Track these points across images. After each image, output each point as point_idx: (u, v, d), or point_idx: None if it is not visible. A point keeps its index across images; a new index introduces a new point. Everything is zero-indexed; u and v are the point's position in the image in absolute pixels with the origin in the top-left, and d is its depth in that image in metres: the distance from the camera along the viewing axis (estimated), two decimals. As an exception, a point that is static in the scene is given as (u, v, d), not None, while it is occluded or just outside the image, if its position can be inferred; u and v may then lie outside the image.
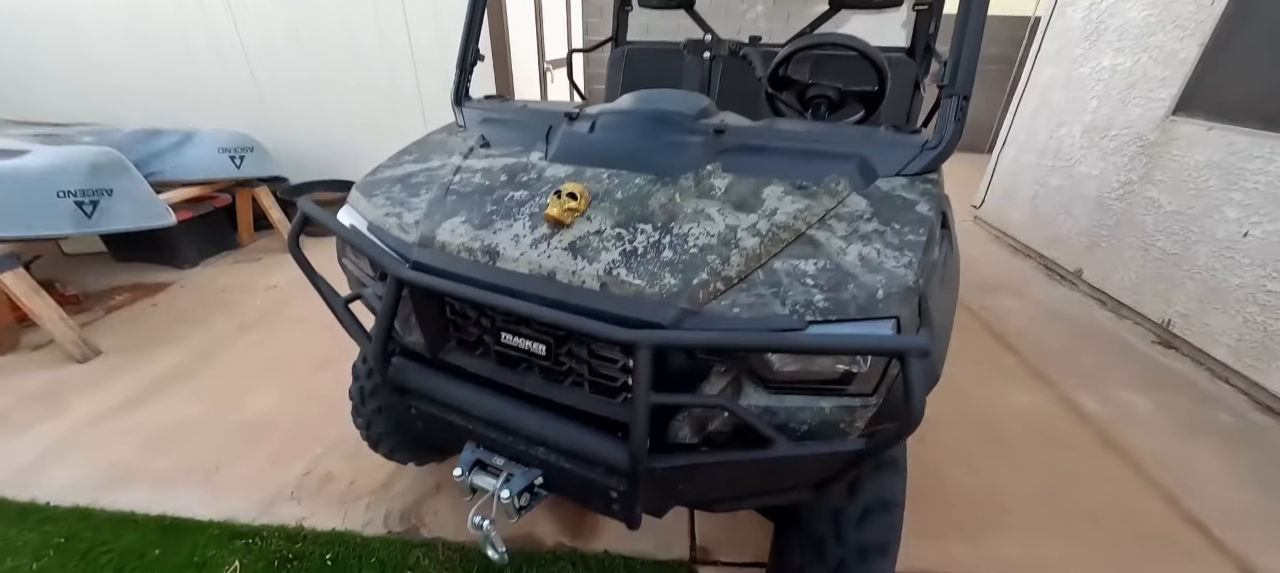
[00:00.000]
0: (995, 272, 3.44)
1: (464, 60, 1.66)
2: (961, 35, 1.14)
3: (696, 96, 1.41)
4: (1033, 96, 3.71)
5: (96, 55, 3.69)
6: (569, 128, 1.33)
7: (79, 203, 2.22)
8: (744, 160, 1.17)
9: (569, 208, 1.01)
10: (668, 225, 0.98)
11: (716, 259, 0.90)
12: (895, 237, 0.94)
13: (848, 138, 1.20)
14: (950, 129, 1.14)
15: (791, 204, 1.02)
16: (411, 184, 1.29)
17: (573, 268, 0.93)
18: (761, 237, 0.94)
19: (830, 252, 0.92)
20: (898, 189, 1.08)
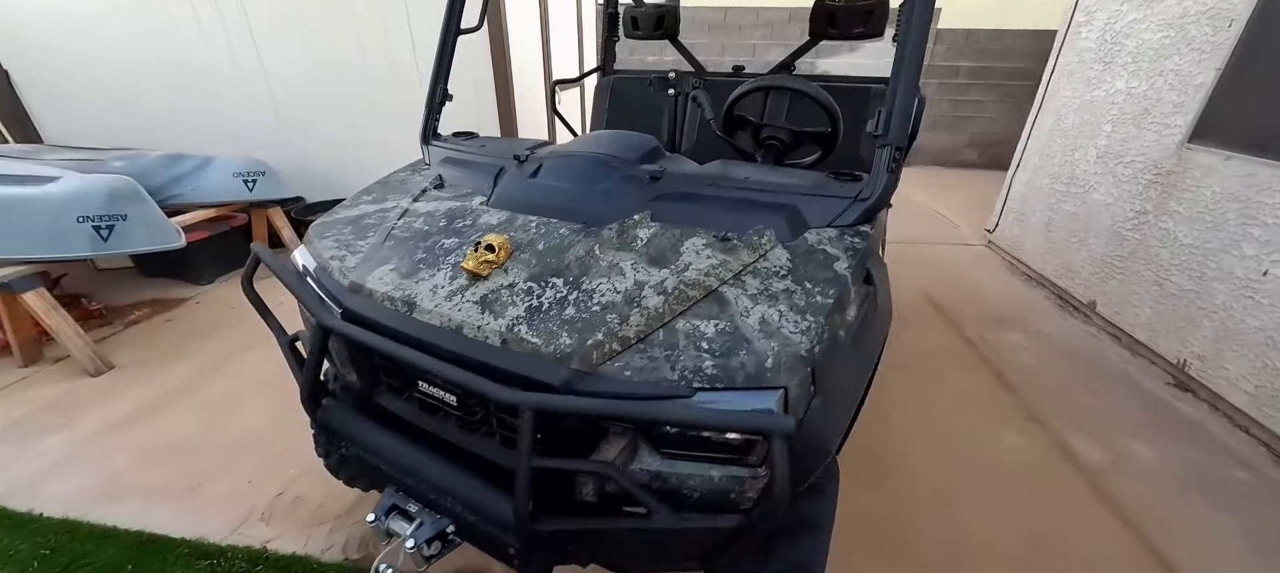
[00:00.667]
0: (1003, 302, 3.30)
1: (432, 99, 1.72)
2: (895, 86, 1.12)
3: (645, 139, 1.42)
4: (1047, 118, 3.56)
5: (134, 83, 3.97)
6: (514, 172, 1.36)
7: (97, 227, 2.39)
8: (676, 209, 1.17)
9: (486, 260, 1.03)
10: (578, 280, 0.99)
11: (616, 318, 0.90)
12: (802, 298, 0.92)
13: (785, 186, 1.19)
14: (882, 181, 1.12)
15: (708, 259, 1.01)
16: (362, 226, 1.34)
17: (479, 322, 0.95)
18: (667, 295, 0.93)
19: (735, 312, 0.91)
20: (823, 243, 1.06)
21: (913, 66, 1.11)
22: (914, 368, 2.58)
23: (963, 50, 6.64)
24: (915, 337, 2.86)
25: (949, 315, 3.10)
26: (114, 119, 4.10)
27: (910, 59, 1.11)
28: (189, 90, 3.93)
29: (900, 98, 1.12)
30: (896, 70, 1.13)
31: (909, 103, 1.12)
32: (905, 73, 1.11)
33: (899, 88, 1.12)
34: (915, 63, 1.11)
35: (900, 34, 1.13)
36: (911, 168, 7.10)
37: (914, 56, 1.11)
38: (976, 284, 3.54)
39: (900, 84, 1.12)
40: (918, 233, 4.51)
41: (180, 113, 4.00)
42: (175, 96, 3.97)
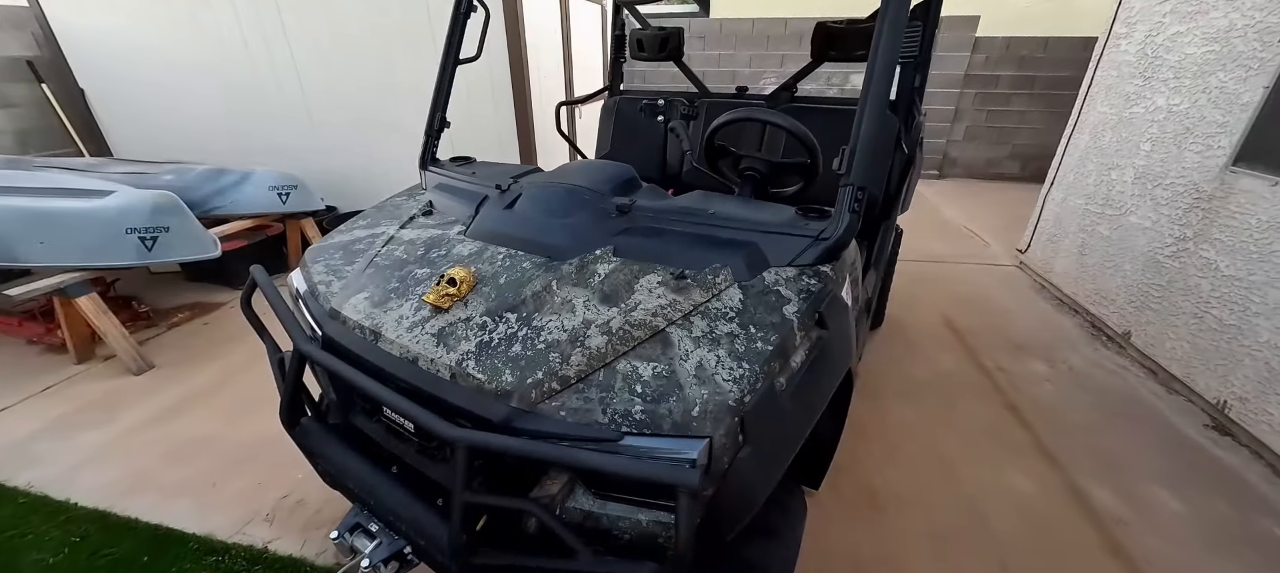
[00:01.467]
0: (1028, 328, 3.13)
1: (430, 126, 1.80)
2: (858, 122, 1.10)
3: (622, 170, 1.44)
4: (1083, 134, 3.37)
5: (191, 101, 4.30)
6: (493, 201, 1.41)
7: (142, 238, 2.60)
8: (640, 243, 1.18)
9: (447, 293, 1.08)
10: (530, 317, 1.02)
11: (558, 357, 0.93)
12: (743, 343, 0.92)
13: (750, 222, 1.18)
14: (844, 222, 1.10)
15: (660, 297, 1.02)
16: (351, 251, 1.42)
17: (433, 355, 0.99)
18: (611, 335, 0.95)
19: (675, 355, 0.92)
20: (779, 283, 1.05)
21: (878, 98, 1.08)
22: (922, 395, 2.49)
23: (1002, 59, 6.36)
24: (925, 362, 2.76)
25: (966, 340, 2.97)
26: (173, 134, 4.45)
27: (876, 90, 1.08)
28: (239, 108, 4.22)
29: (864, 132, 1.09)
30: (861, 103, 1.10)
31: (873, 138, 1.10)
32: (870, 105, 1.09)
33: (863, 121, 1.09)
34: (879, 98, 1.09)
35: (869, 61, 1.11)
36: (944, 181, 6.85)
37: (880, 87, 1.09)
38: (1001, 308, 3.38)
39: (865, 116, 1.09)
40: (942, 251, 4.34)
41: (233, 131, 4.31)
42: (227, 115, 4.28)
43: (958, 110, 6.68)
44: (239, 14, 3.87)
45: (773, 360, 0.89)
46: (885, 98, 1.09)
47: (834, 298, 1.06)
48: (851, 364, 1.21)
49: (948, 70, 6.43)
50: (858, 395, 2.50)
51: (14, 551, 1.69)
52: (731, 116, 1.46)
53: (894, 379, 2.62)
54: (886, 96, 1.09)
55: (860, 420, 2.31)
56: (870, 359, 2.76)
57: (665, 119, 2.32)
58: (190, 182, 3.29)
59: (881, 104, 1.09)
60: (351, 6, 3.68)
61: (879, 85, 1.09)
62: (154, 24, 4.07)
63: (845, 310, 1.11)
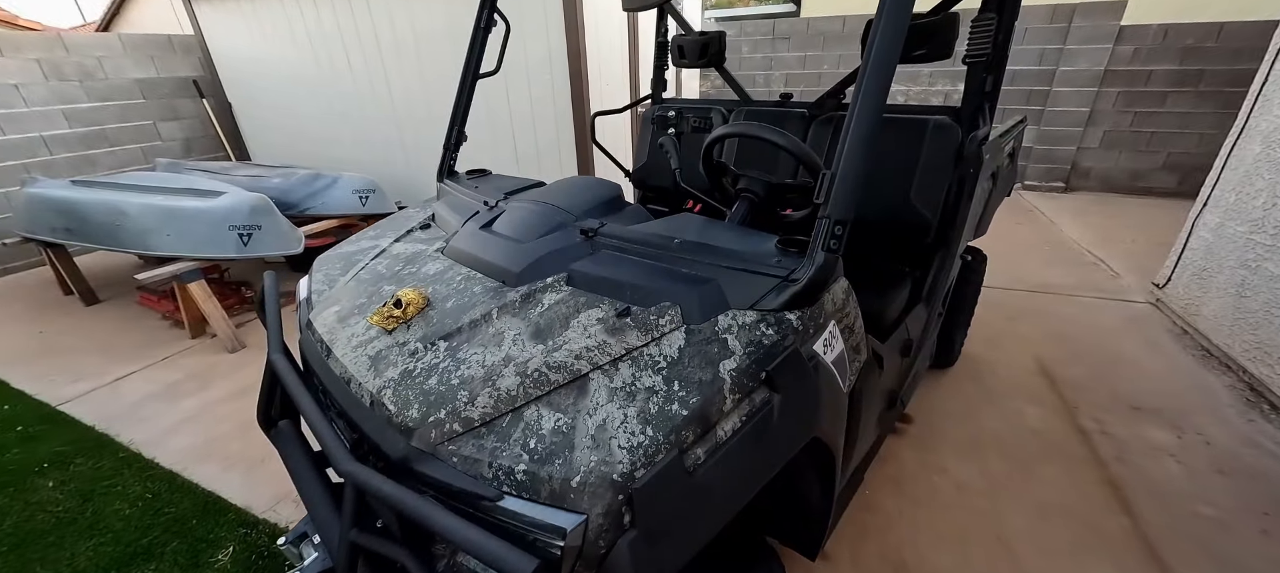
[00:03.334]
0: (1155, 384, 2.54)
1: (449, 139, 1.84)
2: (842, 142, 0.92)
3: (606, 188, 1.36)
4: (1253, 143, 2.67)
5: (307, 112, 4.91)
6: (478, 217, 1.40)
7: (241, 235, 2.99)
8: (596, 271, 1.10)
9: (392, 315, 1.07)
10: (458, 347, 0.98)
11: (466, 396, 0.87)
12: (659, 402, 0.80)
13: (719, 253, 1.04)
14: (816, 261, 0.92)
15: (592, 337, 0.93)
16: (350, 261, 1.48)
17: (362, 379, 0.98)
18: (526, 377, 0.88)
19: (584, 408, 0.83)
20: (729, 331, 0.91)
21: (869, 112, 0.89)
22: (990, 453, 2.11)
23: (1157, 51, 5.29)
24: (1003, 413, 2.33)
25: (1063, 391, 2.48)
26: (296, 141, 5.12)
27: (865, 104, 0.89)
28: (343, 121, 4.75)
29: (848, 154, 0.91)
30: (849, 117, 0.92)
31: (859, 163, 0.91)
32: (857, 121, 0.90)
33: (847, 142, 0.91)
34: (872, 108, 0.89)
35: (861, 67, 0.92)
36: (1071, 196, 5.86)
37: (871, 99, 0.89)
38: (1119, 355, 2.78)
39: (849, 136, 0.91)
40: (1054, 280, 3.69)
41: (338, 140, 4.86)
42: (335, 127, 4.83)
43: (1093, 113, 5.67)
44: (346, 43, 4.34)
45: (686, 428, 0.76)
46: (876, 112, 0.90)
47: (793, 354, 0.88)
48: (829, 431, 1.02)
49: (1079, 66, 5.49)
50: (905, 443, 2.18)
51: (105, 498, 2.00)
52: (722, 132, 1.31)
53: (957, 429, 2.25)
54: (877, 110, 0.90)
55: (902, 475, 2.00)
56: (930, 402, 2.40)
57: (675, 131, 2.19)
58: (292, 184, 3.74)
59: (872, 119, 0.90)
60: (438, 47, 3.97)
61: (871, 97, 0.90)
62: (282, 49, 4.70)
63: (810, 367, 0.93)
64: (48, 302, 3.79)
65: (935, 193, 1.72)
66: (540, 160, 4.04)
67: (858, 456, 1.37)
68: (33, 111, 4.36)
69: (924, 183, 1.72)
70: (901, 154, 1.74)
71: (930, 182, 1.72)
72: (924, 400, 2.42)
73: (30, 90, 4.34)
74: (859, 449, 1.34)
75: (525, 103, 3.88)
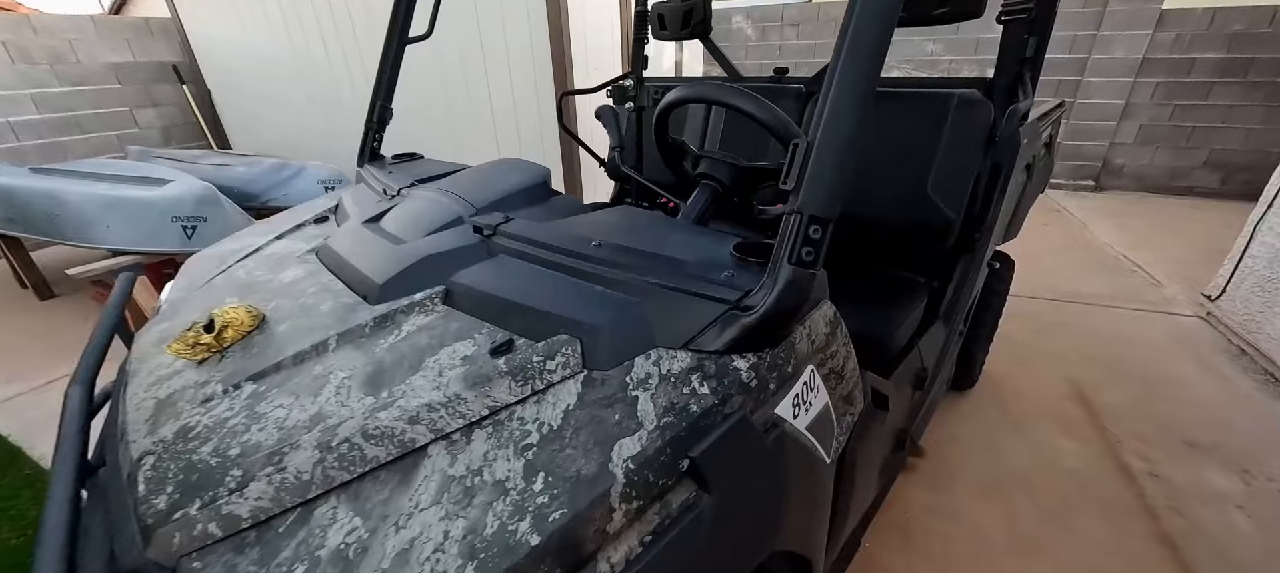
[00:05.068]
0: (1214, 415, 2.17)
1: (371, 118, 1.56)
2: (820, 109, 0.61)
3: (530, 172, 1.06)
4: (1333, 136, 2.28)
5: (285, 100, 4.67)
6: (371, 211, 1.11)
7: (185, 227, 2.74)
8: (486, 284, 0.80)
9: (202, 342, 0.78)
10: (265, 394, 0.68)
11: (236, 479, 0.58)
12: (503, 515, 0.50)
13: (651, 263, 0.74)
14: (781, 280, 0.61)
15: (445, 388, 0.63)
16: (225, 260, 1.20)
17: (133, 436, 0.69)
18: (329, 451, 0.58)
19: (401, 510, 0.53)
20: (642, 385, 0.61)
21: (857, 69, 0.58)
22: (1015, 496, 1.78)
23: (1202, 38, 4.84)
24: (1031, 447, 2.00)
25: (1103, 422, 2.12)
26: (273, 131, 4.89)
27: (850, 56, 0.58)
28: (320, 106, 4.50)
29: (830, 123, 0.60)
30: (828, 78, 0.61)
31: (850, 135, 0.60)
32: (840, 80, 0.59)
33: (829, 106, 0.60)
34: (864, 61, 0.58)
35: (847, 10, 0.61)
36: (1102, 195, 5.43)
37: (867, 46, 0.58)
38: (1165, 377, 2.41)
39: (830, 99, 0.60)
40: (1088, 289, 3.31)
41: (313, 130, 4.62)
42: (310, 116, 4.59)
43: (1128, 105, 5.23)
44: (323, 31, 4.08)
45: (540, 567, 0.46)
46: (869, 66, 0.59)
47: (738, 425, 0.58)
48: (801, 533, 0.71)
49: (1115, 54, 5.05)
50: (914, 481, 1.85)
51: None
52: (677, 96, 1.00)
53: (977, 465, 1.91)
54: (874, 61, 0.59)
55: (910, 522, 1.68)
56: (945, 431, 2.07)
57: (632, 108, 1.88)
58: (257, 174, 3.49)
59: (863, 78, 0.58)
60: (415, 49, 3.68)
61: (864, 45, 0.58)
62: (260, 36, 4.47)
63: (769, 445, 0.62)
64: (1, 296, 3.60)
65: (959, 185, 1.39)
66: (522, 150, 3.74)
67: (850, 527, 1.06)
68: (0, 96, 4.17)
69: (945, 172, 1.39)
70: (917, 138, 1.42)
71: (953, 171, 1.39)
72: (939, 428, 2.08)
73: (-5, 74, 4.14)
74: (851, 519, 1.03)
75: (505, 85, 3.59)
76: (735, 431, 0.58)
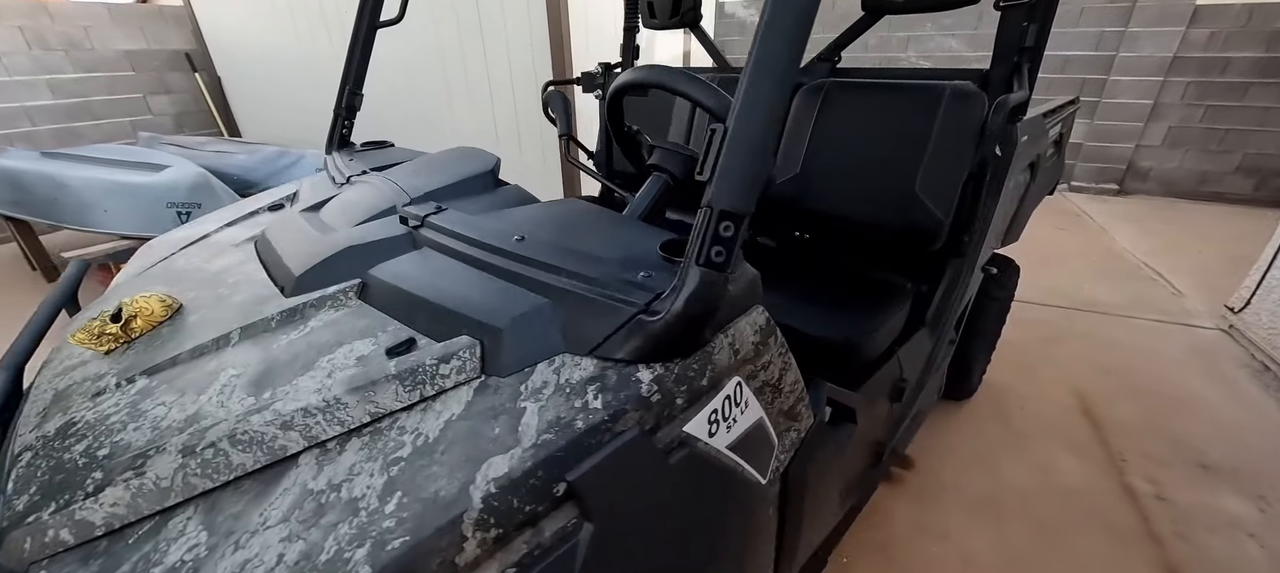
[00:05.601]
0: (1230, 433, 2.04)
1: (339, 104, 1.52)
2: (740, 96, 0.54)
3: (477, 161, 1.00)
4: (1375, 140, 2.11)
5: (292, 87, 4.70)
6: (319, 199, 1.07)
7: (179, 213, 2.75)
8: (405, 278, 0.75)
9: (107, 333, 0.74)
10: (153, 390, 0.64)
11: (95, 482, 0.54)
12: (343, 538, 0.45)
13: (570, 260, 0.68)
14: (690, 284, 0.55)
15: (330, 390, 0.58)
16: (173, 248, 1.17)
17: (21, 428, 0.66)
18: (191, 455, 0.53)
19: (248, 527, 0.48)
20: (535, 395, 0.55)
21: (774, 61, 0.52)
22: (1009, 516, 1.68)
23: (1238, 36, 4.59)
24: (1030, 462, 1.89)
25: (1109, 438, 2.01)
26: (281, 116, 4.93)
27: (767, 49, 0.52)
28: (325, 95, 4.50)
29: (747, 105, 0.53)
30: (749, 58, 0.54)
31: (768, 119, 0.53)
32: (758, 59, 0.53)
33: (741, 99, 0.53)
34: (783, 39, 0.52)
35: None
36: (1126, 199, 5.21)
37: (780, 43, 0.52)
38: (1180, 393, 2.28)
39: (749, 78, 0.53)
40: (1103, 297, 3.16)
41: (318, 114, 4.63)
42: (316, 101, 4.60)
43: (1156, 106, 5.00)
44: (326, 19, 4.09)
45: None
46: (789, 47, 0.52)
47: (633, 444, 0.52)
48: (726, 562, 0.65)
49: (1143, 51, 4.83)
50: (901, 495, 1.77)
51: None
52: (625, 81, 0.93)
53: (970, 481, 1.82)
54: (794, 46, 0.52)
55: (892, 540, 1.60)
56: (938, 442, 1.98)
57: (599, 96, 1.81)
58: (256, 161, 3.51)
59: (781, 61, 0.52)
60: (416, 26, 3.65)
61: (781, 23, 0.51)
62: (266, 23, 4.50)
63: (672, 467, 0.56)
64: (10, 277, 3.68)
65: (949, 184, 1.30)
66: (521, 139, 3.70)
67: (809, 547, 0.99)
68: (15, 81, 4.26)
69: (935, 170, 1.30)
70: (905, 132, 1.33)
71: (943, 168, 1.30)
72: (932, 439, 1.99)
73: (12, 59, 4.23)
74: (810, 538, 0.96)
75: (504, 75, 3.55)
76: (627, 450, 0.52)
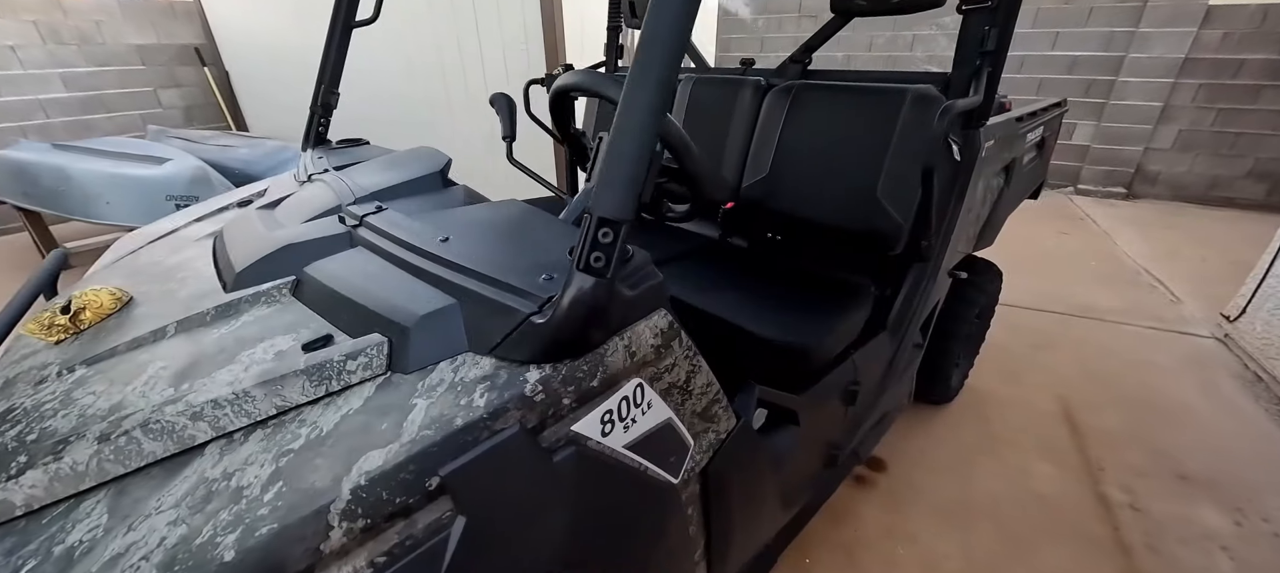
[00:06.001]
0: (1214, 444, 2.01)
1: (315, 102, 1.55)
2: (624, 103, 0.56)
3: (428, 161, 1.03)
4: (1374, 147, 2.06)
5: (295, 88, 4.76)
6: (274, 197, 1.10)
7: (178, 204, 2.82)
8: (325, 279, 0.77)
9: (57, 324, 0.78)
10: (88, 379, 0.68)
11: (20, 462, 0.57)
12: (218, 527, 0.48)
13: (483, 262, 0.70)
14: (571, 287, 0.57)
15: (242, 383, 0.61)
16: (143, 242, 1.21)
17: None
18: (106, 442, 0.56)
19: (143, 512, 0.51)
20: (430, 391, 0.58)
21: (652, 68, 0.53)
22: (978, 520, 1.68)
23: (1252, 38, 4.48)
24: (1005, 468, 1.89)
25: (1088, 445, 1.99)
26: (285, 112, 5.02)
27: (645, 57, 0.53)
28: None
29: (618, 123, 0.55)
30: (626, 82, 0.56)
31: (650, 126, 0.54)
32: (633, 79, 0.54)
33: (620, 108, 0.55)
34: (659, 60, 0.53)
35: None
36: (1134, 204, 5.12)
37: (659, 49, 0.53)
38: (1167, 401, 2.25)
39: (623, 98, 0.55)
40: (1097, 302, 3.11)
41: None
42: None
43: (1166, 109, 4.89)
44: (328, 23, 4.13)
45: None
46: (667, 54, 0.53)
47: (512, 441, 0.54)
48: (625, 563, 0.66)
49: (1154, 52, 4.73)
50: (871, 498, 1.77)
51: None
52: (561, 85, 0.95)
53: (942, 486, 1.82)
54: (672, 52, 0.53)
55: (858, 541, 1.61)
56: (914, 446, 1.97)
57: None
58: (257, 156, 3.58)
59: (658, 68, 0.53)
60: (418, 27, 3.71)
61: (659, 28, 0.53)
62: (271, 20, 4.57)
63: (555, 464, 0.57)
64: (21, 265, 3.79)
65: (910, 188, 1.30)
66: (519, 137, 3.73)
67: (747, 545, 1.00)
68: (29, 74, 4.38)
69: (896, 174, 1.31)
70: (868, 135, 1.33)
71: (904, 172, 1.30)
72: (906, 442, 1.99)
73: (27, 53, 4.35)
74: (745, 538, 0.97)
75: (500, 71, 3.59)
76: (504, 447, 0.54)
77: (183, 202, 2.85)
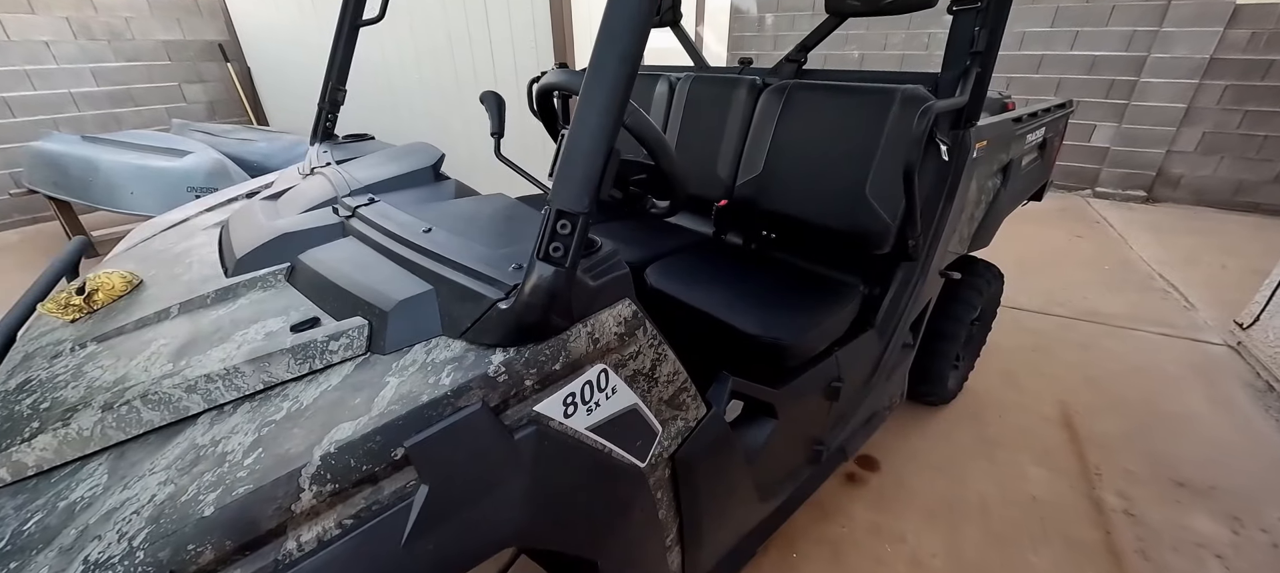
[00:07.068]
0: (1216, 453, 1.98)
1: (323, 98, 1.61)
2: (587, 98, 0.59)
3: (422, 155, 1.07)
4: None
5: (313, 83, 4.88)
6: (279, 189, 1.15)
7: (197, 195, 2.92)
8: (317, 266, 0.82)
9: (73, 304, 0.84)
10: (97, 355, 0.73)
11: (32, 428, 0.63)
12: (201, 488, 0.52)
13: (459, 252, 0.74)
14: (531, 276, 0.60)
15: (234, 360, 0.66)
16: (160, 229, 1.28)
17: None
18: (110, 411, 0.62)
19: (136, 474, 0.56)
20: (403, 370, 0.62)
21: (609, 65, 0.56)
22: (967, 521, 1.69)
23: (1281, 36, 4.34)
24: (998, 471, 1.88)
25: (1085, 449, 1.98)
26: (304, 107, 5.14)
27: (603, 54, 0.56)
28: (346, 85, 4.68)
29: (577, 118, 0.58)
30: (585, 79, 0.59)
31: (609, 120, 0.58)
32: (592, 75, 0.57)
33: (579, 103, 0.58)
34: (618, 56, 0.56)
35: None
36: (1154, 208, 5.00)
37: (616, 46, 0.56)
38: (1171, 408, 2.22)
39: (582, 94, 0.58)
40: (1106, 307, 3.07)
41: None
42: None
43: (1190, 110, 4.77)
44: None
45: (205, 541, 0.47)
46: (625, 50, 0.56)
47: (474, 418, 0.57)
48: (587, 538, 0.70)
49: (1178, 52, 4.61)
50: (861, 496, 1.78)
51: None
52: (545, 83, 0.98)
53: (934, 486, 1.82)
54: (632, 48, 0.56)
55: (845, 539, 1.62)
56: (908, 446, 1.98)
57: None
58: (275, 149, 3.69)
59: (617, 64, 0.56)
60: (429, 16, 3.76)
61: (616, 26, 0.56)
62: (290, 15, 4.68)
63: (515, 439, 0.61)
64: (51, 252, 3.96)
65: (898, 188, 1.31)
66: (526, 132, 3.79)
67: (723, 533, 1.03)
68: (62, 69, 4.56)
69: (885, 173, 1.32)
70: (859, 134, 1.35)
71: (894, 172, 1.31)
72: (900, 442, 2.00)
73: (60, 48, 4.52)
74: (722, 525, 1.00)
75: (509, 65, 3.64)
76: (466, 423, 0.57)
77: (202, 193, 2.96)
